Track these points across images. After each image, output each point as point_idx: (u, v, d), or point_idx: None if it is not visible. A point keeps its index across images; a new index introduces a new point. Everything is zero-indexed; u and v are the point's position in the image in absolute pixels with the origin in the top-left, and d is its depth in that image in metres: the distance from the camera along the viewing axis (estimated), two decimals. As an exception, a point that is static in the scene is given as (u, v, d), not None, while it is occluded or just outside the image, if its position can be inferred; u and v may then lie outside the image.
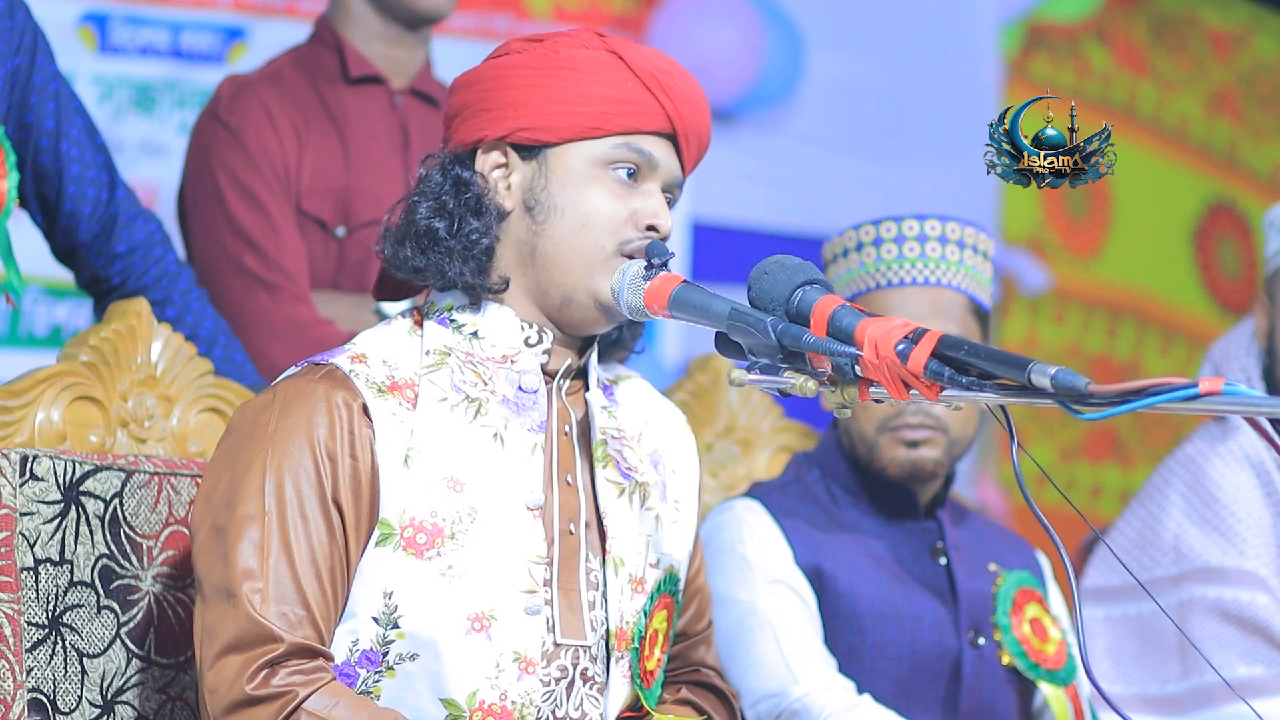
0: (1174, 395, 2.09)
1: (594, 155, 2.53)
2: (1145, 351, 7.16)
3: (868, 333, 2.28)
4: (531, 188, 2.54)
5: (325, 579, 2.41)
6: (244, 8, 4.81)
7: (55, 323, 4.55)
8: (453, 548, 2.45)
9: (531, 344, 2.55)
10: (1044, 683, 3.08)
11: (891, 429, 3.05)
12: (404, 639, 2.44)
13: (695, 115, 2.58)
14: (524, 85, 2.54)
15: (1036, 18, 6.70)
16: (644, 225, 2.52)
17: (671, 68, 2.58)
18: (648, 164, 2.54)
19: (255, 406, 2.49)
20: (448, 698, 2.45)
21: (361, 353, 2.52)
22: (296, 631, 2.38)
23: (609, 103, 2.53)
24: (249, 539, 2.40)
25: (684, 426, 2.75)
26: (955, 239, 3.10)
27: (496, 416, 2.52)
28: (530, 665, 2.47)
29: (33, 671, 2.54)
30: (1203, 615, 3.37)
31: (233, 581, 2.38)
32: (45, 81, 3.07)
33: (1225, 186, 7.37)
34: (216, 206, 3.52)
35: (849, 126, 6.00)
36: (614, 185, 2.52)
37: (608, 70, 2.54)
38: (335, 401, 2.45)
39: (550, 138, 2.53)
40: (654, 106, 2.54)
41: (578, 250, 2.51)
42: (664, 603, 2.61)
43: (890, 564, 3.07)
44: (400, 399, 2.49)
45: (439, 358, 2.53)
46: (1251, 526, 3.42)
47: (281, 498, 2.41)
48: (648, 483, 2.62)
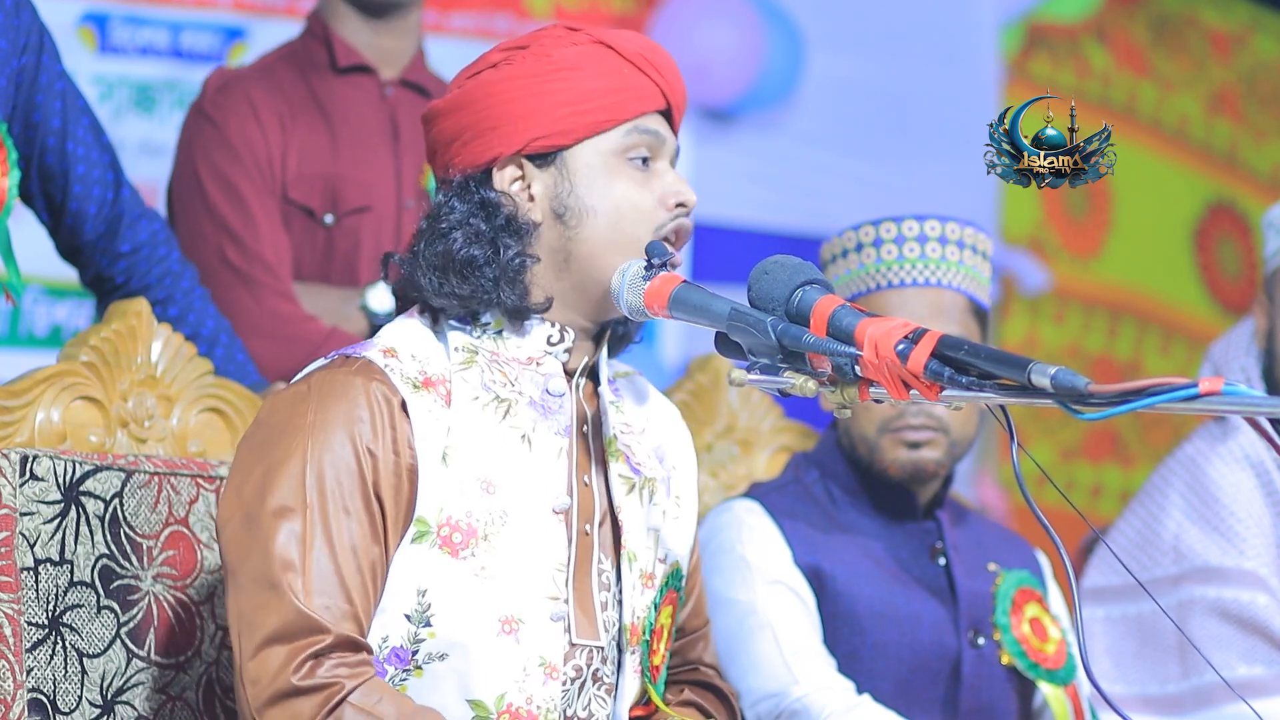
0: (1174, 395, 2.09)
1: (609, 148, 2.53)
2: (1145, 351, 7.16)
3: (868, 333, 2.28)
4: (557, 194, 2.53)
5: (366, 573, 2.39)
6: (244, 8, 4.81)
7: (55, 323, 4.56)
8: (486, 549, 2.44)
9: (554, 343, 2.54)
10: (1044, 682, 3.08)
11: (893, 430, 3.05)
12: (435, 638, 2.43)
13: (680, 85, 2.60)
14: (526, 95, 2.53)
15: (1036, 18, 6.71)
16: (673, 204, 2.54)
17: (652, 45, 2.59)
18: (658, 143, 2.55)
19: (289, 398, 2.46)
20: (475, 699, 2.44)
21: (391, 346, 2.50)
22: (341, 624, 2.35)
23: (612, 93, 2.53)
24: (289, 530, 2.37)
25: (680, 422, 2.75)
26: (955, 239, 3.10)
27: (525, 418, 2.51)
28: (554, 670, 2.46)
29: (33, 671, 2.54)
30: (1202, 615, 3.37)
31: (274, 572, 2.35)
32: (51, 81, 3.07)
33: (1225, 186, 7.37)
34: (199, 200, 3.52)
35: (849, 126, 6.00)
36: (634, 173, 2.53)
37: (602, 62, 2.54)
38: (375, 395, 2.43)
39: (566, 140, 2.52)
40: (650, 87, 2.55)
41: (616, 245, 2.51)
42: (670, 598, 2.62)
43: (889, 564, 3.07)
44: (435, 395, 2.47)
45: (468, 355, 2.52)
46: (1251, 526, 3.42)
47: (323, 489, 2.39)
48: (654, 478, 2.62)
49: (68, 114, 3.10)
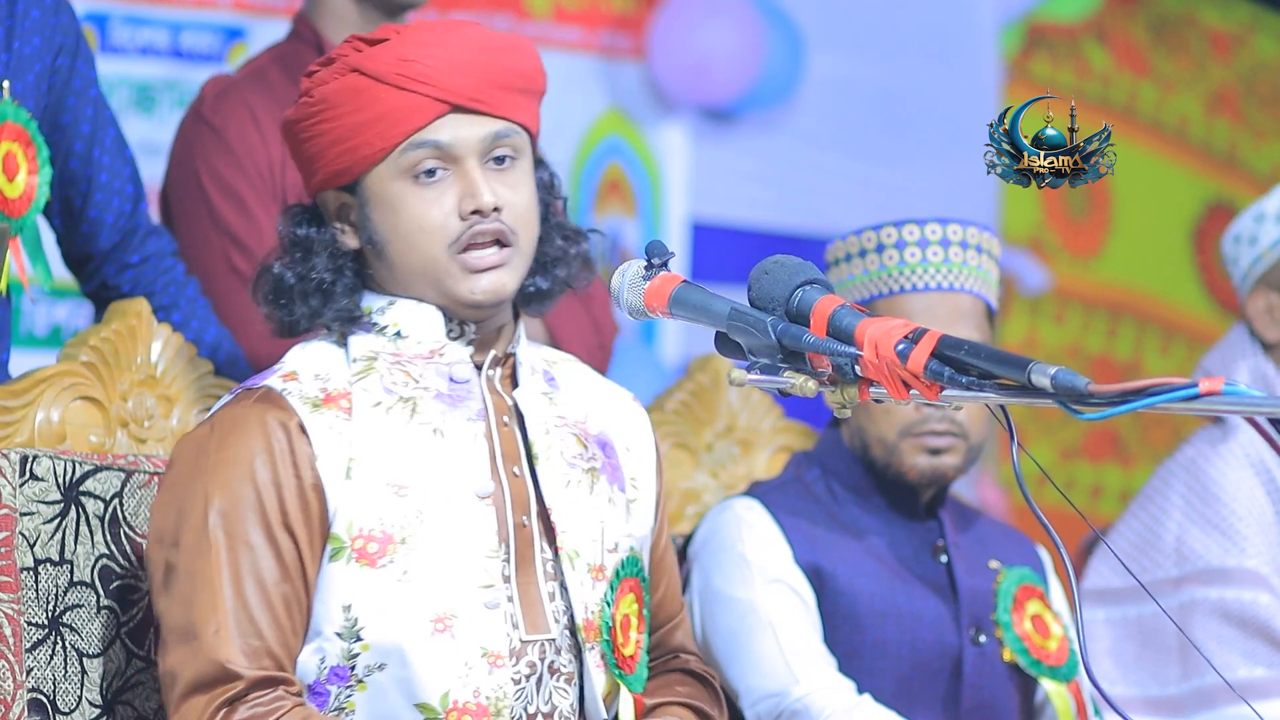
0: (1174, 395, 2.08)
1: (389, 174, 2.51)
2: (1145, 351, 7.16)
3: (868, 333, 2.28)
4: (361, 222, 2.54)
5: (279, 606, 2.41)
6: (244, 8, 4.81)
7: (55, 323, 4.55)
8: (405, 553, 2.44)
9: (454, 337, 2.55)
10: (1046, 679, 3.08)
11: (915, 435, 3.03)
12: (369, 650, 2.44)
13: (467, 74, 2.52)
14: (305, 140, 2.54)
15: (1036, 18, 6.71)
16: (467, 213, 2.50)
17: (416, 47, 2.51)
18: (444, 151, 2.50)
19: (194, 440, 2.49)
20: (422, 702, 2.44)
21: (292, 370, 2.52)
22: (256, 664, 2.39)
23: (373, 124, 2.49)
24: (200, 576, 2.40)
25: (632, 403, 2.73)
26: (975, 244, 3.10)
27: (433, 412, 2.51)
28: (498, 659, 2.46)
29: (33, 671, 2.54)
30: (1204, 616, 3.37)
31: (188, 621, 2.40)
32: (85, 87, 3.07)
33: (1225, 186, 7.37)
34: (201, 206, 3.52)
35: (849, 126, 6.00)
36: (422, 191, 2.50)
37: (358, 94, 2.50)
38: (271, 424, 2.45)
39: (347, 179, 2.53)
40: (415, 100, 2.49)
41: (418, 268, 2.51)
42: (628, 586, 2.59)
43: (890, 562, 3.06)
44: (336, 410, 2.48)
45: (366, 364, 2.52)
46: (1253, 525, 3.42)
47: (229, 530, 2.42)
48: (596, 467, 2.60)
49: (97, 121, 3.10)
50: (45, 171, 2.96)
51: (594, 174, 5.49)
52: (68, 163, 3.08)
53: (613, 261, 5.30)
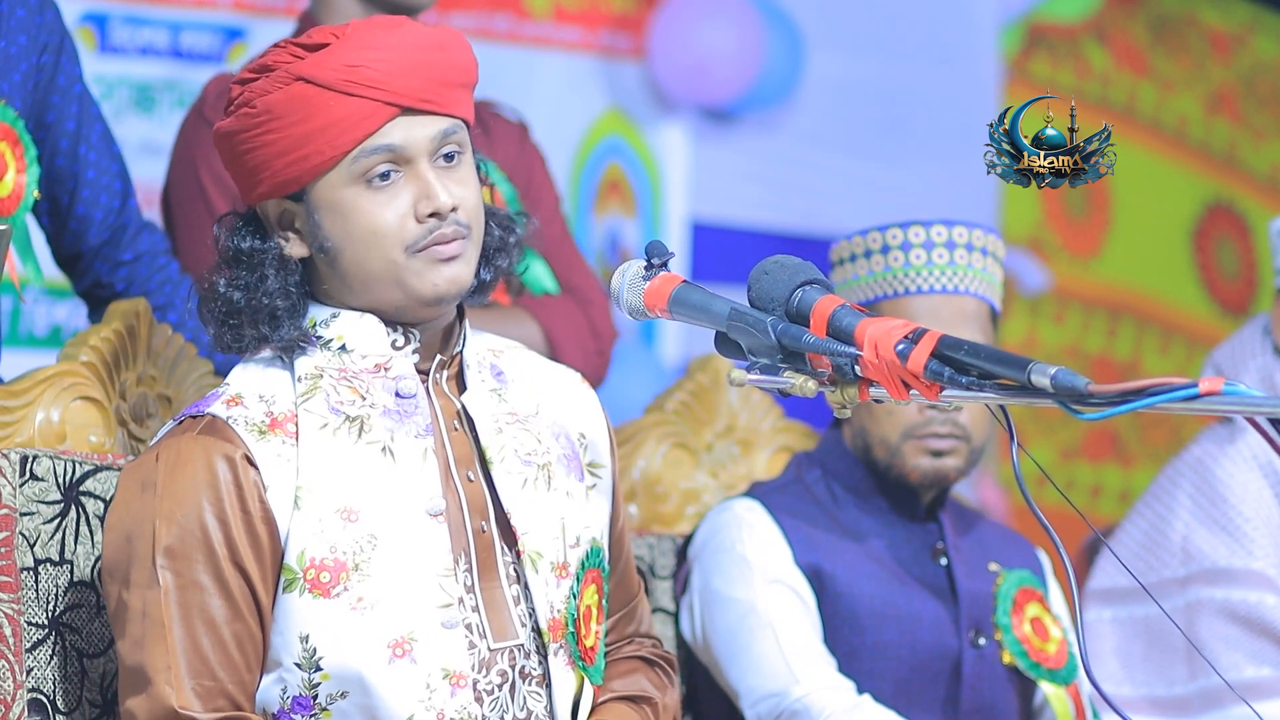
0: (1174, 395, 2.09)
1: (340, 181, 2.45)
2: (1145, 351, 7.16)
3: (867, 333, 2.28)
4: (310, 230, 2.49)
5: (231, 645, 2.39)
6: (244, 8, 4.81)
7: (55, 323, 4.55)
8: (359, 579, 2.41)
9: (399, 347, 2.51)
10: (1045, 682, 3.08)
11: (918, 437, 3.04)
12: (329, 679, 2.41)
13: (414, 75, 2.47)
14: (247, 151, 2.48)
15: (1036, 18, 6.70)
16: (424, 215, 2.46)
17: (361, 50, 2.45)
18: (398, 153, 2.46)
19: (140, 471, 2.44)
20: None
21: (237, 394, 2.47)
22: (210, 705, 2.37)
23: (322, 132, 2.44)
24: (151, 618, 2.38)
25: (579, 385, 2.68)
26: (980, 246, 3.10)
27: (381, 430, 2.46)
28: (460, 679, 2.43)
29: (33, 671, 2.54)
30: (1210, 616, 3.37)
31: (142, 665, 2.38)
32: (69, 84, 3.07)
33: (1224, 187, 7.37)
34: (201, 204, 3.52)
35: (849, 126, 6.00)
36: (375, 195, 2.45)
37: (305, 102, 2.44)
38: (216, 457, 2.41)
39: (294, 188, 2.47)
40: (365, 106, 2.44)
41: (375, 273, 2.46)
42: (591, 577, 2.56)
43: (890, 564, 3.06)
44: (282, 436, 2.44)
45: (311, 383, 2.47)
46: (1260, 526, 3.42)
47: (176, 570, 2.39)
48: (551, 461, 2.57)
49: (83, 118, 3.10)
50: (34, 170, 2.96)
51: (594, 174, 5.49)
52: (54, 160, 3.08)
53: (613, 261, 5.30)
